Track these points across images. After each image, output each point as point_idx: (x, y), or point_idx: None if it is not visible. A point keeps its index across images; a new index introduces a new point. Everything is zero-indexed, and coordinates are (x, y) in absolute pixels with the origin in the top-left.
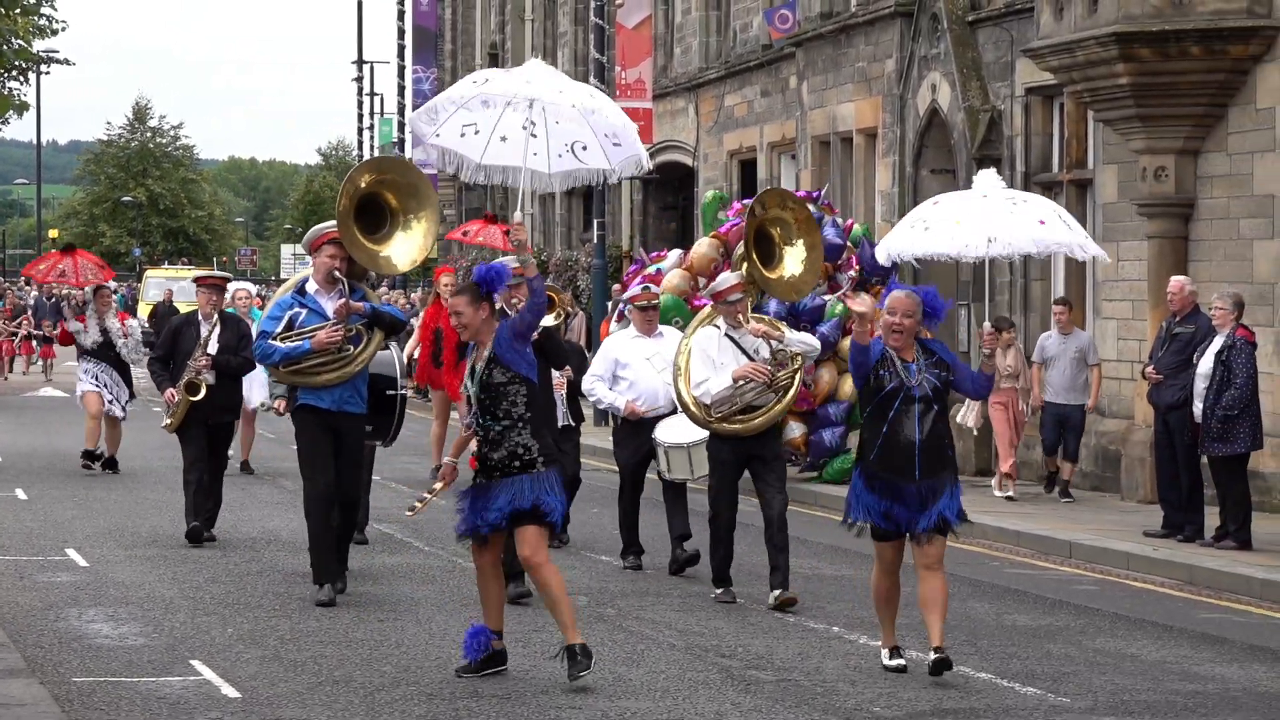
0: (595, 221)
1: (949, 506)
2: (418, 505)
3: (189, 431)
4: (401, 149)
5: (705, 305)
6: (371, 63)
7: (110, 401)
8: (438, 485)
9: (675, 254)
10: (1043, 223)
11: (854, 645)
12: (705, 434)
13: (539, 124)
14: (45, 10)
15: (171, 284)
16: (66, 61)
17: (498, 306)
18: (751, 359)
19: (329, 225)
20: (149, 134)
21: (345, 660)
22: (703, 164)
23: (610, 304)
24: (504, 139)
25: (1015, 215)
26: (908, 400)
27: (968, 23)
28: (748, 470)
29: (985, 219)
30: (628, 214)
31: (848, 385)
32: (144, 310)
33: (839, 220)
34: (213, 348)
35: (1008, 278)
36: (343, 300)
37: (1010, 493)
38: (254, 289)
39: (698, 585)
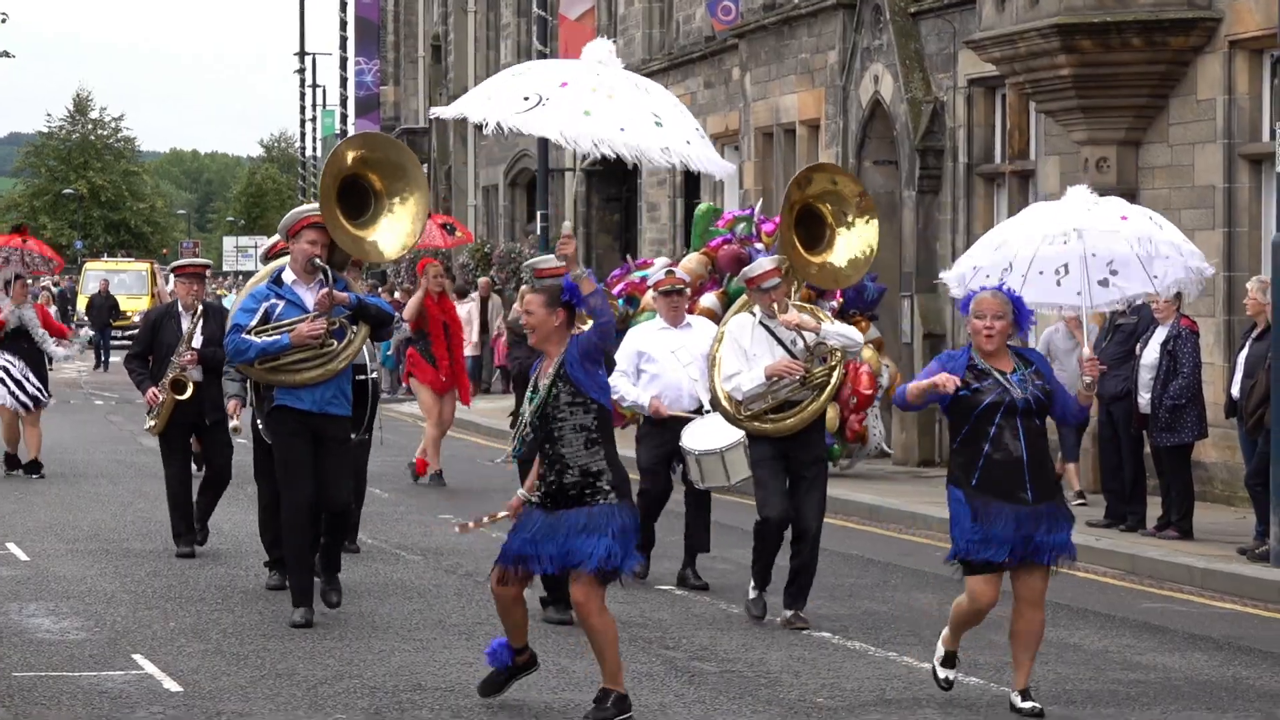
0: (539, 213)
1: (1068, 538)
2: (470, 525)
3: (172, 438)
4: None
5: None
6: (314, 54)
7: (13, 394)
8: (502, 514)
9: (661, 261)
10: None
11: (798, 637)
12: (738, 435)
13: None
14: None
15: (111, 276)
16: (5, 54)
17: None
18: (788, 350)
19: (308, 209)
20: (90, 126)
21: (288, 653)
22: None
23: None
24: (588, 113)
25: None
26: (1010, 413)
27: (910, 14)
28: (788, 472)
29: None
30: (570, 206)
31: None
32: (82, 302)
33: None
34: (197, 341)
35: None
36: (325, 290)
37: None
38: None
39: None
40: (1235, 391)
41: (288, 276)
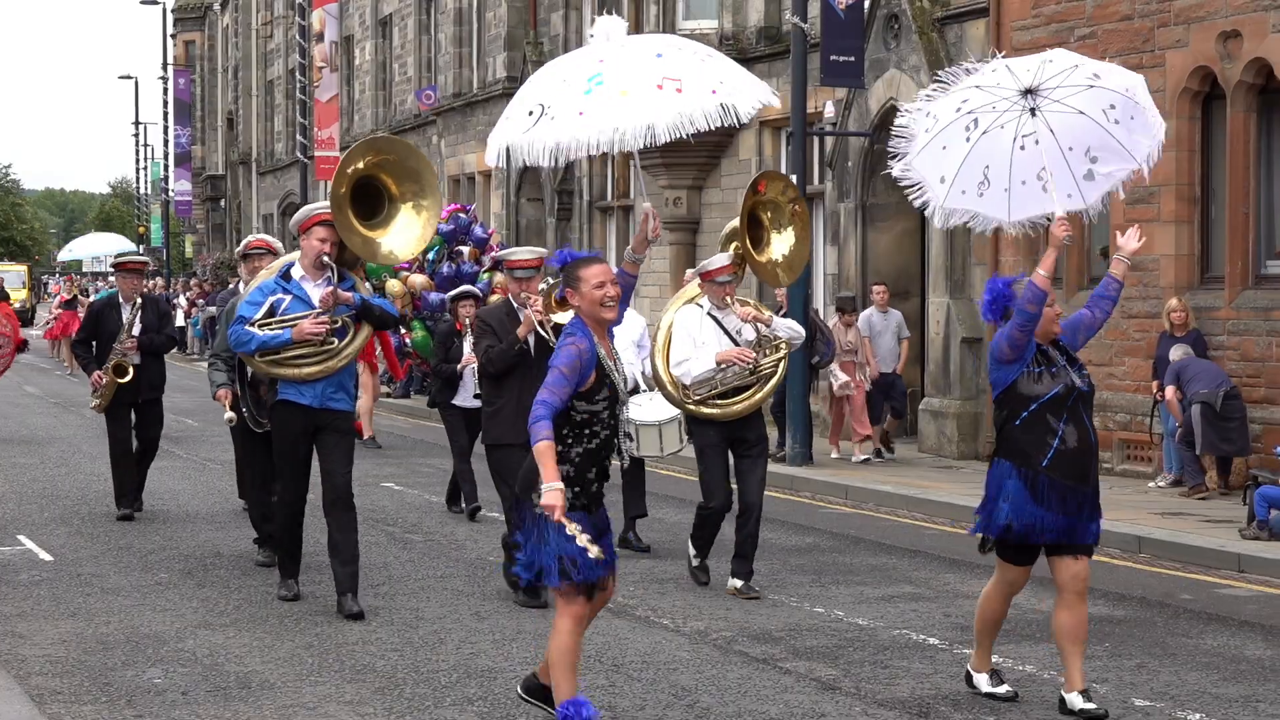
0: None
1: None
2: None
3: (116, 412)
4: (166, 184)
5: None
6: (145, 123)
7: None
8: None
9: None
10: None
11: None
12: (674, 412)
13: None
14: None
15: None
16: None
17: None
18: (734, 340)
19: (320, 206)
20: None
21: (126, 533)
22: None
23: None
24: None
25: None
26: (1078, 400)
27: None
28: (731, 452)
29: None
30: None
31: None
32: None
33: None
34: (136, 329)
35: None
36: (329, 289)
37: (867, 455)
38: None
39: (437, 504)
40: None
41: (296, 272)
